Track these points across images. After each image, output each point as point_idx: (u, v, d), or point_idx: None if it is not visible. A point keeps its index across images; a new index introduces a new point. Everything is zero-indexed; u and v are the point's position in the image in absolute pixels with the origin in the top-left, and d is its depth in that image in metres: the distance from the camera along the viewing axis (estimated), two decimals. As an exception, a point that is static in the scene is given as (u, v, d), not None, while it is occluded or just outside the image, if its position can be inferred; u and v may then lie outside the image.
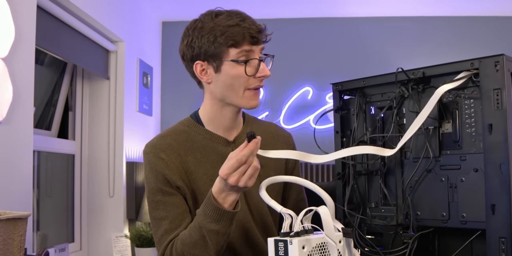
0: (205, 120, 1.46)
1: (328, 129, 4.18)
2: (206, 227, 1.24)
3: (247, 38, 1.31)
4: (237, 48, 1.32)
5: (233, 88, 1.36)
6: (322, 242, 0.98)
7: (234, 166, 1.15)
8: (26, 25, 2.36)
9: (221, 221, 1.23)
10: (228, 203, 1.23)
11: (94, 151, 3.60)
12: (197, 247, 1.27)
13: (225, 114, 1.43)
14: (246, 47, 1.32)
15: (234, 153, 1.16)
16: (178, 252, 1.30)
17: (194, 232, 1.27)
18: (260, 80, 1.36)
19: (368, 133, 1.30)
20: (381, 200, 1.26)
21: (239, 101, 1.37)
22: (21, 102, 2.32)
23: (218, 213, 1.22)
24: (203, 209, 1.25)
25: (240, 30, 1.31)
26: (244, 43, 1.32)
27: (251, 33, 1.31)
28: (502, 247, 1.02)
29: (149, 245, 3.53)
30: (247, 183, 1.17)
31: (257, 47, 1.35)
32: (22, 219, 1.08)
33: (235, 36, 1.31)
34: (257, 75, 1.35)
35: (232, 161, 1.15)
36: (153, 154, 1.40)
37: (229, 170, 1.16)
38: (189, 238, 1.28)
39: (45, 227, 3.23)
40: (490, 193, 1.04)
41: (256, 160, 1.17)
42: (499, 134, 1.04)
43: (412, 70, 1.19)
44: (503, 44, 4.38)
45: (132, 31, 3.90)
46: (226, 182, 1.18)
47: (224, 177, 1.17)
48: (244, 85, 1.35)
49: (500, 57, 1.05)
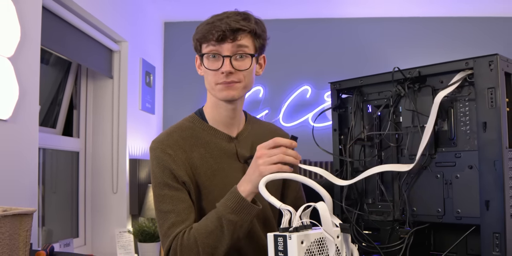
0: (209, 116, 1.48)
1: (326, 127, 4.18)
2: (226, 217, 1.25)
3: (214, 35, 1.35)
4: (205, 43, 1.39)
5: (208, 82, 1.42)
6: (321, 237, 0.98)
7: (269, 144, 1.25)
8: (31, 26, 2.36)
9: (241, 213, 1.25)
10: (245, 192, 1.26)
11: (98, 149, 3.60)
12: (212, 237, 1.27)
13: (220, 108, 1.45)
14: (213, 43, 1.37)
15: (279, 138, 1.25)
16: (190, 241, 1.29)
17: (211, 222, 1.28)
18: (224, 75, 1.37)
19: (365, 131, 1.30)
20: (378, 196, 1.26)
21: (214, 93, 1.42)
22: (27, 101, 2.32)
23: (239, 204, 1.25)
24: (224, 201, 1.28)
25: (209, 28, 1.36)
26: (211, 40, 1.36)
27: (217, 31, 1.35)
28: (496, 242, 1.02)
29: (151, 240, 3.53)
30: (265, 165, 1.22)
31: (227, 45, 1.36)
32: (27, 215, 1.08)
33: (204, 33, 1.37)
34: (220, 70, 1.38)
35: (271, 140, 1.25)
36: (160, 149, 1.40)
37: (264, 145, 1.25)
38: (204, 228, 1.29)
39: (50, 222, 3.23)
40: (484, 189, 1.04)
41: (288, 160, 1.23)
42: (493, 132, 1.04)
43: (408, 69, 1.19)
44: (495, 44, 4.38)
45: (135, 32, 3.90)
46: (254, 159, 1.25)
47: (258, 147, 1.26)
48: (213, 80, 1.40)
49: (494, 56, 1.05)
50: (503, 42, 4.40)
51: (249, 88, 1.44)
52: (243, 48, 1.38)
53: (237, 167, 1.45)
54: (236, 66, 1.37)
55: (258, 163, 1.23)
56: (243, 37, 1.37)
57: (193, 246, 1.29)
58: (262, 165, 1.22)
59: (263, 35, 1.43)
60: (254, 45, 1.41)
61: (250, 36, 1.39)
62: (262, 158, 1.23)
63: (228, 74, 1.36)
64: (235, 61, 1.37)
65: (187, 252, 1.29)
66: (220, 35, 1.34)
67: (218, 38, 1.35)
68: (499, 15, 4.44)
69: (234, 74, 1.37)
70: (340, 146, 1.35)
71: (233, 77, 1.37)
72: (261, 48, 1.44)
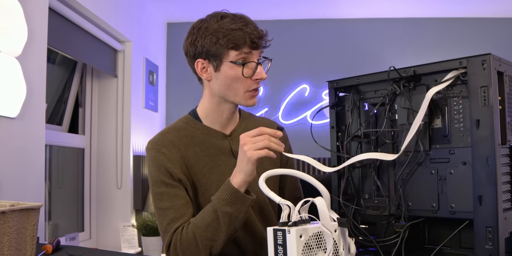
0: (203, 116, 1.47)
1: (324, 124, 4.18)
2: (221, 209, 1.25)
3: (248, 43, 1.33)
4: (237, 50, 1.34)
5: (232, 88, 1.38)
6: (319, 231, 0.98)
7: (253, 132, 1.24)
8: (38, 26, 2.35)
9: (235, 204, 1.25)
10: (238, 184, 1.25)
11: (102, 145, 3.61)
12: (209, 229, 1.27)
13: (223, 110, 1.44)
14: (246, 50, 1.34)
15: (263, 127, 1.24)
16: (188, 235, 1.29)
17: (207, 215, 1.28)
18: (257, 82, 1.38)
19: (362, 128, 1.30)
20: (374, 191, 1.26)
21: (238, 100, 1.40)
22: (34, 99, 2.32)
23: (233, 195, 1.25)
24: (219, 194, 1.27)
25: (242, 35, 1.32)
26: (244, 47, 1.33)
27: (251, 38, 1.33)
28: (489, 236, 1.02)
29: (154, 234, 3.53)
30: (251, 150, 1.22)
31: (256, 51, 1.36)
32: (34, 209, 1.08)
33: (237, 39, 1.32)
34: (254, 77, 1.37)
35: (255, 129, 1.24)
36: (155, 150, 1.40)
37: (247, 133, 1.25)
38: (201, 221, 1.28)
39: (57, 217, 3.23)
40: (477, 185, 1.04)
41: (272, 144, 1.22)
42: (486, 129, 1.04)
43: (404, 68, 1.19)
44: (488, 44, 4.38)
45: (139, 32, 3.90)
46: (240, 147, 1.25)
47: (241, 136, 1.25)
48: (242, 86, 1.37)
49: (487, 56, 1.05)
50: (495, 42, 4.40)
51: None
52: (261, 54, 1.40)
53: (232, 164, 1.44)
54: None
55: (244, 149, 1.23)
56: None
57: (192, 240, 1.29)
58: (249, 150, 1.22)
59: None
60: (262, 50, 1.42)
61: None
62: (247, 144, 1.23)
63: (259, 81, 1.39)
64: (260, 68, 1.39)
65: (187, 247, 1.29)
66: (255, 42, 1.34)
67: (252, 45, 1.34)
68: (492, 16, 4.44)
69: None
70: (337, 142, 1.35)
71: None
72: None
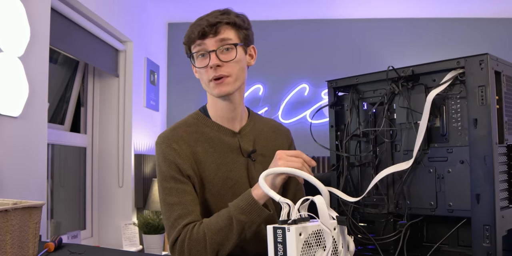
0: (211, 113, 1.47)
1: (323, 124, 4.18)
2: (236, 217, 1.25)
3: (195, 34, 1.35)
4: (192, 45, 1.38)
5: (202, 81, 1.42)
6: (318, 229, 0.98)
7: (291, 152, 1.25)
8: (40, 26, 2.35)
9: (251, 214, 1.24)
10: (258, 195, 1.25)
11: (104, 144, 3.61)
12: (220, 234, 1.27)
13: (219, 105, 1.44)
14: (198, 42, 1.36)
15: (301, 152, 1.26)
16: (199, 235, 1.28)
17: (222, 220, 1.27)
18: (213, 70, 1.35)
19: (361, 127, 1.30)
20: (373, 190, 1.26)
21: (209, 91, 1.41)
22: (36, 98, 2.32)
23: (250, 206, 1.24)
24: (237, 201, 1.27)
25: (192, 28, 1.36)
26: (196, 40, 1.36)
27: (198, 29, 1.34)
28: (486, 234, 1.02)
29: (155, 232, 3.54)
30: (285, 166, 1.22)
31: (211, 40, 1.35)
32: (37, 207, 1.08)
33: (188, 34, 1.38)
34: (197, 65, 1.38)
35: (294, 151, 1.26)
36: (166, 144, 1.40)
37: (285, 151, 1.26)
38: (215, 224, 1.28)
39: (59, 215, 3.23)
40: (475, 183, 1.04)
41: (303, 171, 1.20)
42: (484, 128, 1.04)
43: (402, 68, 1.18)
44: (487, 44, 4.38)
45: (140, 32, 3.89)
46: (275, 160, 1.25)
47: (278, 152, 1.26)
48: (204, 77, 1.39)
49: (485, 56, 1.05)
50: (494, 42, 4.40)
51: (241, 79, 1.41)
52: (226, 40, 1.36)
53: (240, 161, 1.44)
54: (222, 59, 1.35)
55: (278, 163, 1.22)
56: (224, 30, 1.36)
57: (201, 240, 1.28)
58: (283, 165, 1.21)
59: (245, 26, 1.41)
60: (238, 36, 1.39)
61: (231, 27, 1.37)
62: (282, 160, 1.22)
63: (216, 68, 1.34)
64: (221, 54, 1.35)
65: (195, 245, 1.29)
66: (200, 31, 1.33)
67: (199, 35, 1.34)
68: (490, 16, 4.43)
69: (223, 67, 1.35)
70: (336, 141, 1.35)
71: (221, 71, 1.35)
72: (246, 38, 1.42)
